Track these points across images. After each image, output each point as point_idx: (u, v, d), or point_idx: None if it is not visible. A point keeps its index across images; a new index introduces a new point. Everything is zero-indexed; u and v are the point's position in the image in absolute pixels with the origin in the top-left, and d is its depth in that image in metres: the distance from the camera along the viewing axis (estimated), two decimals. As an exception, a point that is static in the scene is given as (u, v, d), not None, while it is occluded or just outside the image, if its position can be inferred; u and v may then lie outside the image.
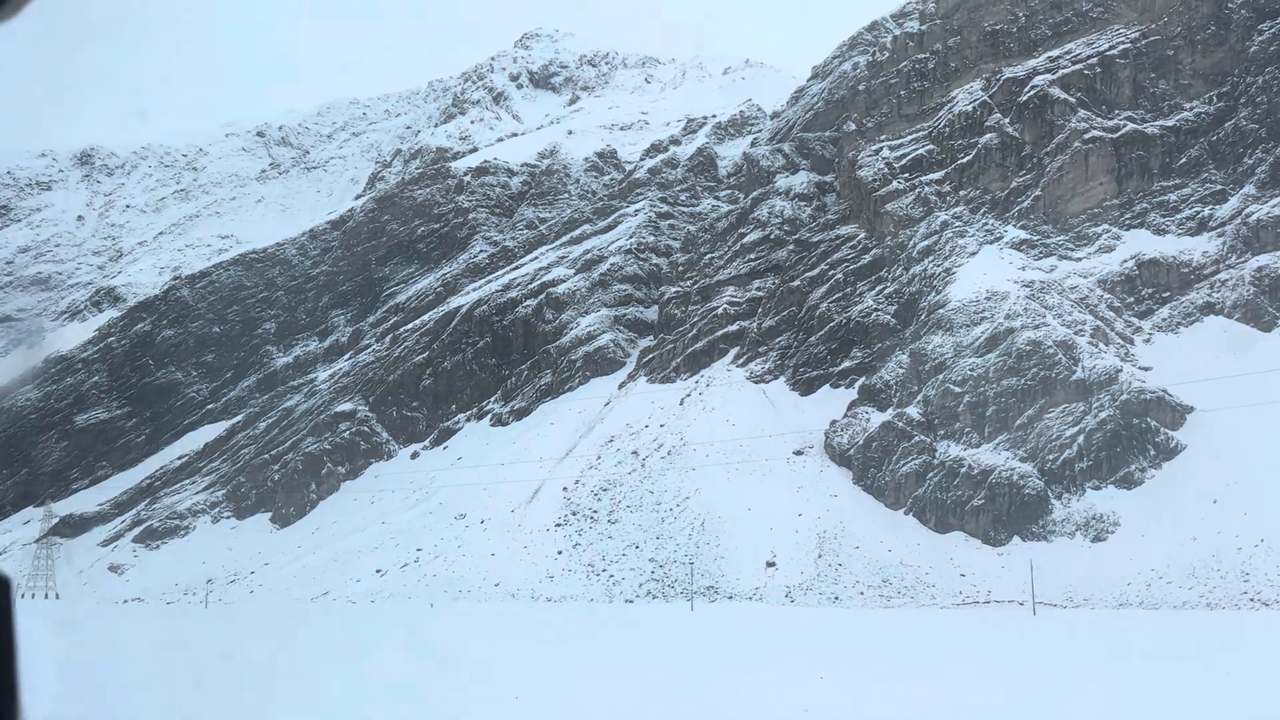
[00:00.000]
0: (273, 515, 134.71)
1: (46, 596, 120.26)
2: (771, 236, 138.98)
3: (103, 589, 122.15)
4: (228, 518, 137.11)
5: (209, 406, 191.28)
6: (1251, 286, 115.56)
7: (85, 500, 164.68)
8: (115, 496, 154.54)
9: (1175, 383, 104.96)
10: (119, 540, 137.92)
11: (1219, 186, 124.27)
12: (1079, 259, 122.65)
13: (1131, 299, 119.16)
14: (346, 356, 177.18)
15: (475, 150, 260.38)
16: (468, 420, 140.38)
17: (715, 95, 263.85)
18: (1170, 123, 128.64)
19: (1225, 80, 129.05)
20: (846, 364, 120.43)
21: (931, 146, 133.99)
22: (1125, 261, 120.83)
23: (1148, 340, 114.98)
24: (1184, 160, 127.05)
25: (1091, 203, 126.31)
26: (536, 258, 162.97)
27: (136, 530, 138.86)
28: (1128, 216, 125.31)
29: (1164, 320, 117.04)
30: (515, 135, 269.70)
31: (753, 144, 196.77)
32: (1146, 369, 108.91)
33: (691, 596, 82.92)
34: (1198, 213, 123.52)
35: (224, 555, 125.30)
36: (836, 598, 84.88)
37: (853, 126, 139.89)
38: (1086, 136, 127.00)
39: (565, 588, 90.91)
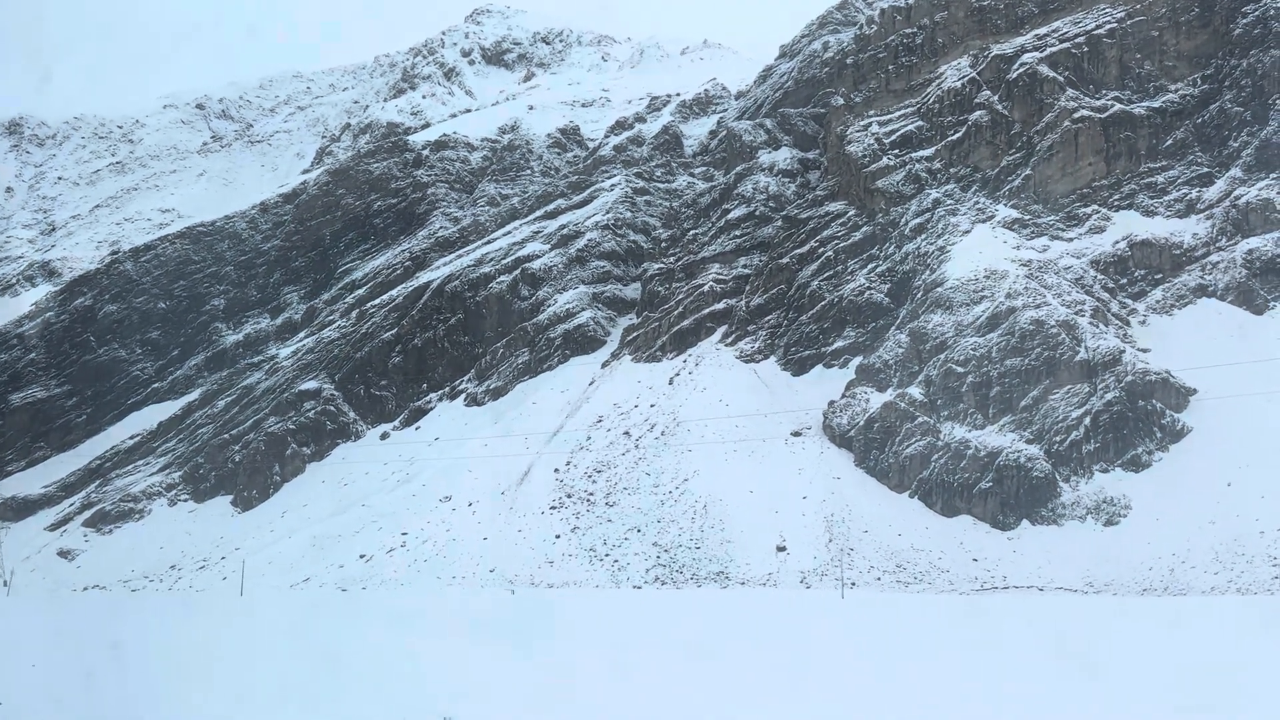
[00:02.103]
0: (234, 498, 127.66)
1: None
2: (757, 213, 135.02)
3: (53, 576, 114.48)
4: (185, 500, 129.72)
5: (154, 385, 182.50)
6: (1243, 269, 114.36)
7: (23, 482, 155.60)
8: (62, 478, 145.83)
9: (1175, 365, 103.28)
10: (68, 524, 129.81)
11: (1205, 169, 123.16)
12: (1070, 239, 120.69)
13: (1124, 280, 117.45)
14: (301, 335, 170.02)
15: (428, 125, 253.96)
16: (440, 400, 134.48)
17: (674, 74, 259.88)
18: (1156, 104, 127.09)
19: (1209, 63, 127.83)
20: (840, 343, 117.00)
21: (921, 123, 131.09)
22: (1117, 242, 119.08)
23: (1143, 322, 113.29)
24: (1170, 142, 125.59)
25: (1081, 183, 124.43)
26: (509, 232, 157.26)
27: (87, 514, 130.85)
28: (1116, 197, 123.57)
29: (1158, 302, 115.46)
30: (469, 111, 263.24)
31: (720, 122, 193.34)
32: (1145, 350, 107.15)
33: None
34: (1185, 195, 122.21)
35: (183, 540, 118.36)
36: (853, 583, 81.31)
37: (840, 101, 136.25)
38: (1076, 116, 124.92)
39: (567, 573, 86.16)
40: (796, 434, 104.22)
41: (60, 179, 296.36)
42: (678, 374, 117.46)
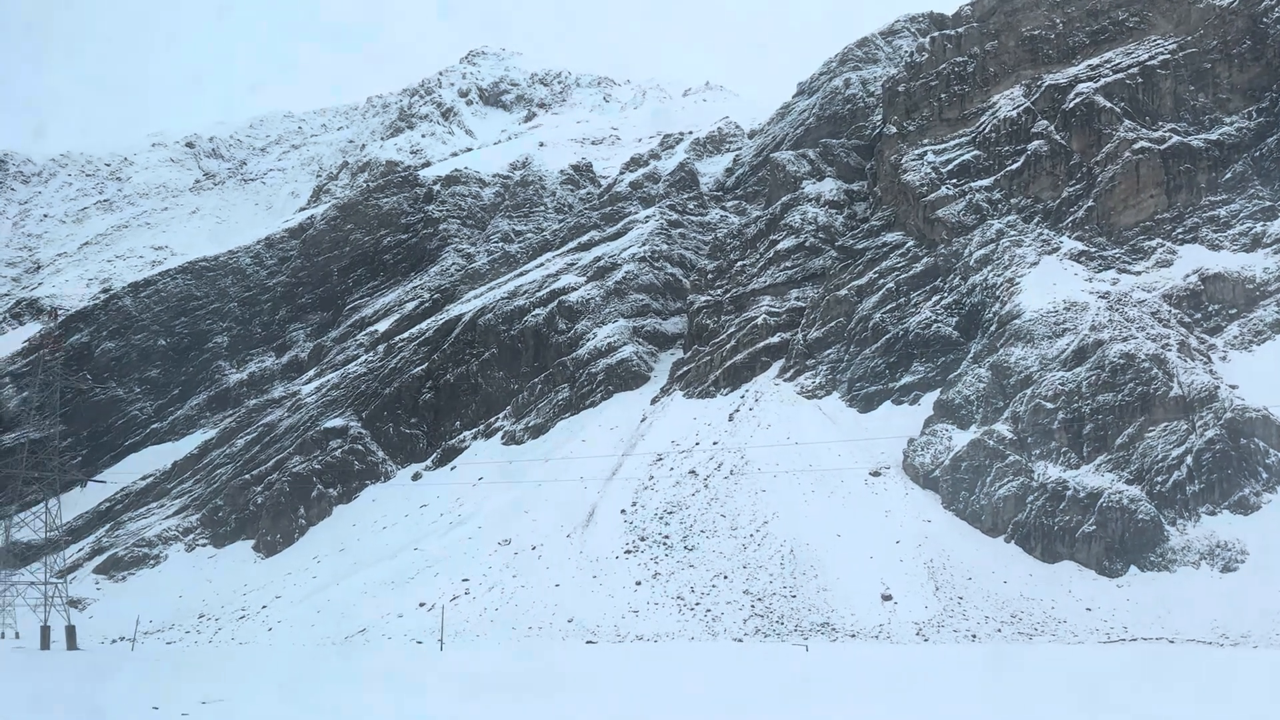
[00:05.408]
0: (256, 543, 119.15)
1: (3, 636, 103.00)
2: (807, 244, 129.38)
3: (64, 626, 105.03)
4: (204, 545, 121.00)
5: (154, 426, 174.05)
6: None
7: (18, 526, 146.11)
8: (69, 521, 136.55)
9: (1269, 401, 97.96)
10: (77, 571, 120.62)
11: (1267, 203, 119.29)
12: (1138, 273, 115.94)
13: (1199, 315, 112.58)
14: (309, 373, 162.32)
15: (428, 164, 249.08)
16: (474, 438, 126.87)
17: (680, 114, 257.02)
18: (1213, 136, 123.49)
19: (1263, 95, 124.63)
20: (908, 378, 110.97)
21: (978, 152, 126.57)
22: (1188, 276, 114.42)
23: (1224, 358, 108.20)
24: (1229, 175, 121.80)
25: (1143, 215, 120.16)
26: (542, 264, 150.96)
27: (98, 560, 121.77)
28: (1180, 231, 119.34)
29: (1235, 338, 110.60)
30: (470, 150, 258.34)
31: (736, 159, 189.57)
32: (1234, 386, 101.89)
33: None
34: (1249, 229, 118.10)
35: (203, 587, 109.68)
36: (974, 635, 74.52)
37: (893, 130, 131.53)
38: (1135, 147, 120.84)
39: (655, 624, 78.69)
40: (876, 474, 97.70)
41: (46, 216, 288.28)
42: (737, 410, 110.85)
